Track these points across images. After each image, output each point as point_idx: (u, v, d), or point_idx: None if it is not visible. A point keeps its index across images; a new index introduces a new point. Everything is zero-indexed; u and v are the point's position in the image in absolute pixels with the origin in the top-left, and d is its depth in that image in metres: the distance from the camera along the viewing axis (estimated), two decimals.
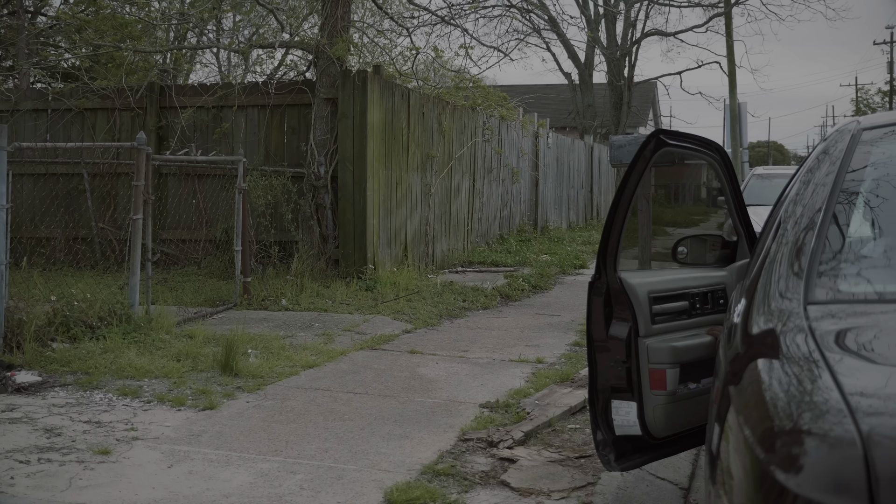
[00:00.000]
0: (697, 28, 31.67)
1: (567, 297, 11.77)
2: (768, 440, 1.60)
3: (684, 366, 4.03)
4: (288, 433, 5.39)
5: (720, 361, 2.68)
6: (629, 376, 3.97)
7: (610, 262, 3.98)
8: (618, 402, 4.03)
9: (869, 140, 2.63)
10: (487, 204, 15.71)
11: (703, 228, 23.07)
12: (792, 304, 2.08)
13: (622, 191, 3.98)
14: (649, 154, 4.05)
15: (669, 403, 3.98)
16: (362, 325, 8.86)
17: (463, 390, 6.53)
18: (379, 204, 11.29)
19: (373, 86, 10.96)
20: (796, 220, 2.51)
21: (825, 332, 1.87)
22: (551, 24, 30.59)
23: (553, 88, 36.59)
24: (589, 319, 4.09)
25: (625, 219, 3.96)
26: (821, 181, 2.57)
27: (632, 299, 3.96)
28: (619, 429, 4.03)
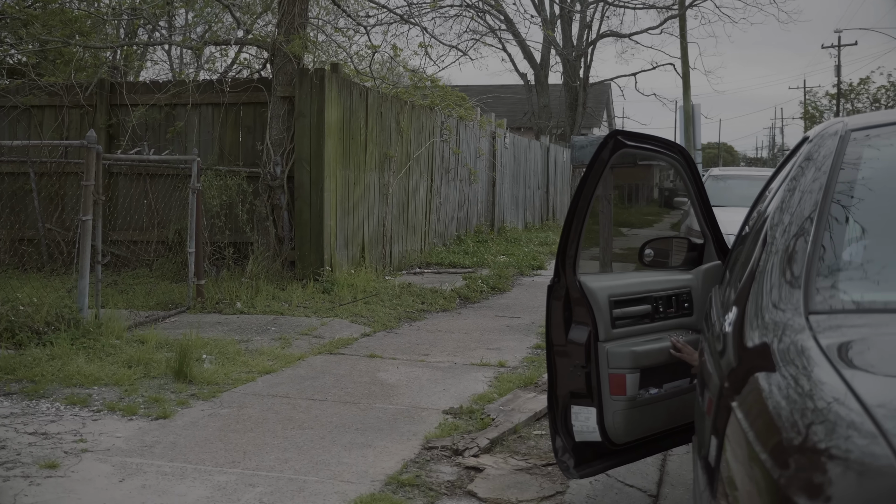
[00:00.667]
0: (652, 30, 31.84)
1: (526, 298, 11.67)
2: (786, 461, 1.48)
3: (645, 371, 3.95)
4: (246, 443, 5.19)
5: (710, 372, 2.56)
6: (589, 381, 3.88)
7: (569, 265, 3.88)
8: (577, 407, 3.94)
9: (858, 141, 2.53)
10: (445, 204, 15.58)
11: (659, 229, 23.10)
12: (793, 315, 1.96)
13: (580, 193, 3.88)
14: (607, 155, 3.95)
15: (629, 409, 3.91)
16: (320, 329, 8.67)
17: (425, 396, 6.38)
18: (336, 204, 11.09)
19: (331, 84, 10.76)
20: (786, 228, 2.40)
21: (833, 344, 1.75)
22: (507, 24, 30.55)
23: (508, 89, 36.58)
24: (548, 323, 4.00)
25: (584, 221, 3.87)
26: (809, 187, 2.46)
27: (591, 303, 3.86)
28: (579, 435, 3.94)
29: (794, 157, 3.46)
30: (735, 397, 1.94)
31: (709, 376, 2.58)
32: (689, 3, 30.25)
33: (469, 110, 15.71)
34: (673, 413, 4.15)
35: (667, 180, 35.35)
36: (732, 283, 2.94)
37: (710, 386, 2.48)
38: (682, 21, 29.58)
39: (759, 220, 2.95)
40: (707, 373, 2.66)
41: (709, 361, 2.71)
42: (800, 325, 1.90)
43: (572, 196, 3.94)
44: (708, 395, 2.49)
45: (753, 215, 3.68)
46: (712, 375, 2.51)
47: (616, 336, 3.94)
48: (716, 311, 3.13)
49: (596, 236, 8.00)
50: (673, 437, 4.33)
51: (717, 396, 2.24)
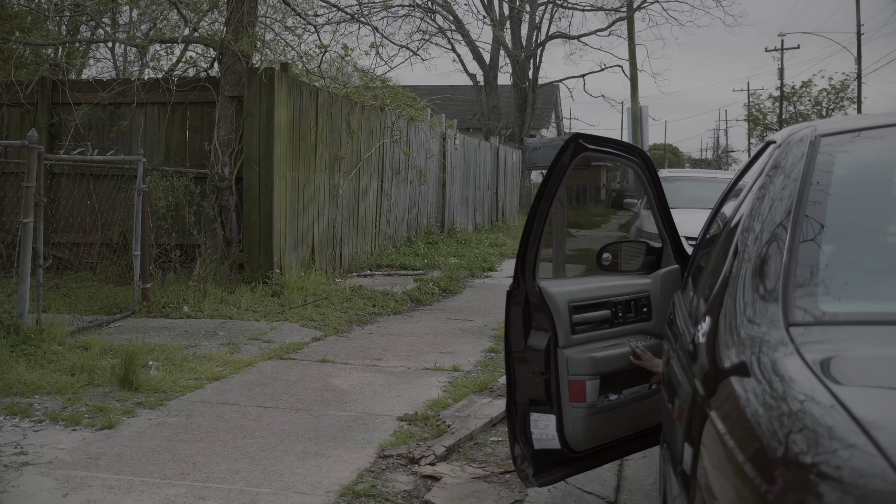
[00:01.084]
0: (601, 32, 32.02)
1: (478, 300, 11.61)
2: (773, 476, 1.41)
3: (605, 377, 3.90)
4: (195, 453, 5.04)
5: (680, 380, 2.50)
6: (548, 388, 3.82)
7: (529, 270, 3.82)
8: (536, 415, 3.89)
9: (829, 147, 2.48)
10: (395, 206, 15.46)
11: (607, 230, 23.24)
12: (772, 327, 1.90)
13: (541, 197, 3.82)
14: (568, 159, 3.89)
15: (589, 416, 3.87)
16: (270, 333, 8.51)
17: (379, 402, 6.27)
18: (286, 206, 10.92)
19: (280, 84, 10.59)
20: (758, 236, 2.34)
21: (815, 356, 1.69)
22: (457, 24, 30.51)
23: (457, 89, 36.54)
24: (507, 329, 3.93)
25: (544, 226, 3.81)
26: (780, 193, 2.40)
27: (551, 308, 3.81)
28: (538, 442, 3.89)
29: (759, 160, 3.42)
30: (713, 408, 1.88)
31: (678, 384, 2.52)
32: (637, 5, 30.50)
33: (420, 111, 15.61)
34: (632, 419, 4.12)
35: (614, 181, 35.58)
36: (700, 290, 2.88)
37: (681, 394, 2.42)
38: (630, 23, 29.82)
39: (726, 226, 2.89)
40: (676, 380, 2.60)
41: (677, 369, 2.65)
42: (780, 336, 1.84)
43: (532, 200, 3.88)
44: (679, 402, 2.43)
45: (717, 220, 3.64)
46: (682, 384, 2.45)
47: (576, 342, 3.89)
48: (682, 317, 3.07)
49: (550, 239, 7.98)
50: (632, 443, 4.30)
51: (690, 405, 2.19)
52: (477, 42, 32.32)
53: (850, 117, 2.89)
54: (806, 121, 53.49)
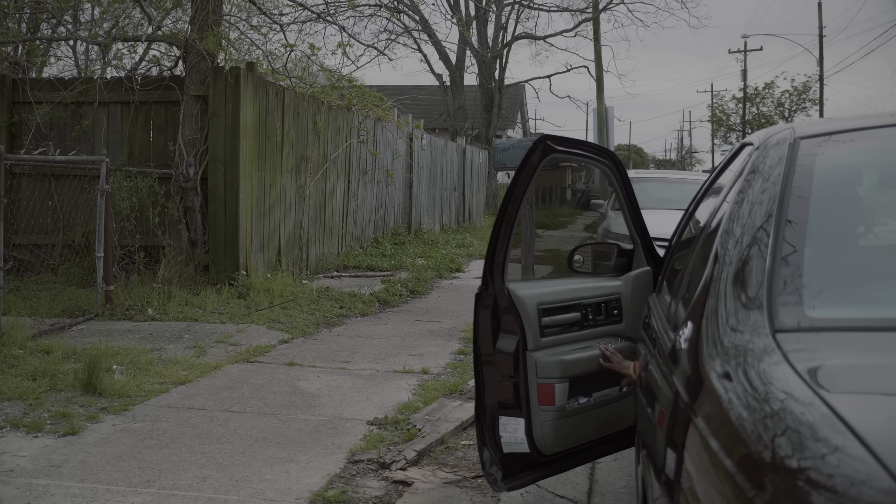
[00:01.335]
0: (566, 32, 32.11)
1: (446, 302, 11.56)
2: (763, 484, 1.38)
3: (575, 380, 3.87)
4: (161, 460, 4.94)
5: (660, 385, 2.46)
6: (517, 391, 3.78)
7: (497, 273, 3.78)
8: (505, 418, 3.86)
9: (809, 149, 2.45)
10: (363, 206, 15.36)
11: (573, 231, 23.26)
12: (757, 333, 1.86)
13: (509, 199, 3.78)
14: (537, 160, 3.86)
15: (559, 419, 3.84)
16: (236, 336, 8.40)
17: (348, 406, 6.19)
18: (252, 207, 10.80)
19: (246, 83, 10.47)
20: (739, 240, 2.30)
21: (807, 367, 1.65)
22: (423, 25, 30.44)
23: (423, 89, 36.44)
24: (476, 332, 3.89)
25: (512, 227, 3.78)
26: (760, 197, 2.37)
27: (520, 311, 3.78)
28: (507, 446, 3.85)
29: (735, 162, 3.39)
30: (699, 415, 1.85)
31: (658, 389, 2.49)
32: (603, 6, 30.62)
33: (387, 111, 15.53)
34: (603, 422, 4.09)
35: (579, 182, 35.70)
36: (677, 293, 2.85)
37: (662, 399, 2.39)
38: (596, 24, 29.93)
39: (704, 230, 2.85)
40: (656, 385, 2.56)
41: (657, 373, 2.61)
42: (767, 343, 1.80)
43: (500, 202, 3.84)
44: (660, 407, 2.40)
45: (692, 223, 3.61)
46: (663, 389, 2.41)
47: (545, 345, 3.87)
48: (658, 321, 3.04)
49: (520, 241, 7.94)
50: (603, 447, 4.27)
51: (673, 410, 2.16)
52: (443, 42, 32.35)
53: (827, 119, 2.86)
54: (769, 122, 54.00)
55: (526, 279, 5.86)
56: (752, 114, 60.85)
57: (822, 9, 47.01)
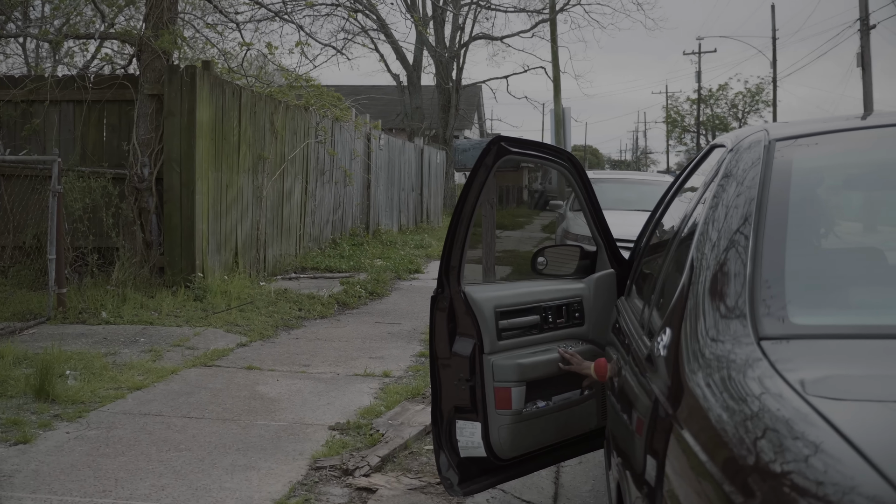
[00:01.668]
0: (524, 33, 32.16)
1: (405, 303, 11.48)
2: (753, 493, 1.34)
3: (533, 383, 3.83)
4: (117, 468, 4.80)
5: (636, 392, 2.42)
6: (473, 395, 3.74)
7: (453, 276, 3.73)
8: (462, 422, 3.81)
9: (784, 152, 2.41)
10: (320, 207, 15.22)
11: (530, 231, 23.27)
12: (740, 340, 1.81)
13: (464, 201, 3.73)
14: (491, 162, 3.80)
15: (516, 423, 3.79)
16: (193, 339, 8.24)
17: (309, 410, 6.09)
18: (208, 208, 10.63)
19: (202, 82, 10.30)
20: (715, 244, 2.26)
21: (797, 376, 1.60)
22: (380, 24, 30.30)
23: (380, 89, 36.30)
24: (432, 335, 3.84)
25: (468, 230, 3.72)
26: (736, 201, 2.32)
27: (476, 314, 3.73)
28: (464, 450, 3.81)
29: (705, 164, 3.36)
30: (683, 425, 1.80)
31: (635, 396, 2.44)
32: (560, 7, 30.72)
33: (345, 111, 15.41)
34: (563, 426, 4.05)
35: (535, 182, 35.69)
36: (650, 299, 2.80)
37: (639, 406, 2.34)
38: (553, 25, 30.03)
39: (677, 234, 2.80)
40: (632, 391, 2.52)
41: (632, 380, 2.57)
42: (752, 351, 1.75)
43: (455, 204, 3.78)
44: (637, 415, 2.36)
45: (661, 226, 3.57)
46: (640, 396, 2.36)
47: (502, 348, 3.82)
48: (630, 325, 2.99)
49: (480, 243, 7.89)
50: (564, 451, 4.23)
51: (652, 418, 2.12)
52: (401, 42, 32.15)
53: (799, 122, 2.84)
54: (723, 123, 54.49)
55: (485, 281, 5.82)
56: (706, 115, 61.56)
57: (776, 11, 47.62)
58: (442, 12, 31.16)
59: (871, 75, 26.55)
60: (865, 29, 26.91)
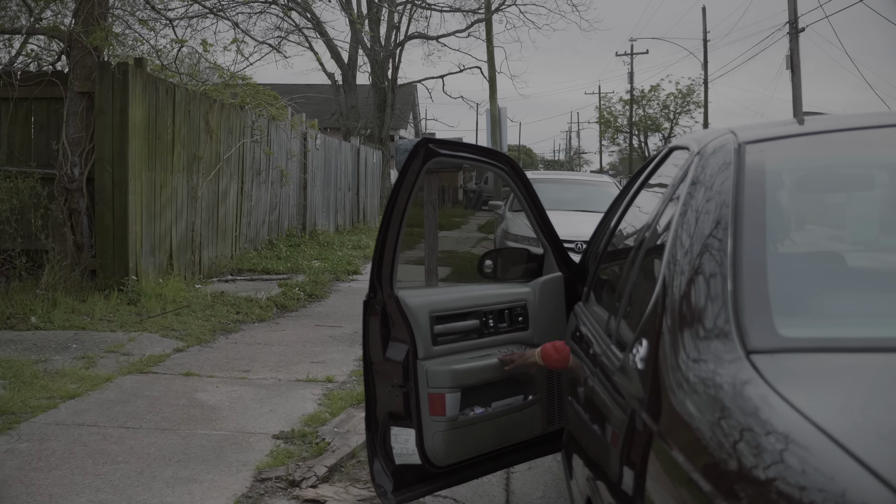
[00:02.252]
0: (459, 33, 32.10)
1: (345, 306, 11.32)
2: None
3: (469, 389, 3.74)
4: (51, 483, 4.59)
5: (608, 404, 2.34)
6: (407, 402, 3.63)
7: (385, 280, 3.62)
8: (396, 429, 3.71)
9: (756, 155, 2.34)
10: (256, 208, 14.97)
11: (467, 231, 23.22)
12: (726, 354, 1.74)
13: (393, 204, 3.62)
14: (418, 165, 3.69)
15: (451, 430, 3.70)
16: (128, 345, 7.99)
17: (251, 418, 5.92)
18: (142, 209, 10.34)
19: (135, 80, 10.01)
20: (688, 251, 2.18)
21: (797, 396, 1.53)
22: (314, 23, 29.97)
23: (315, 88, 35.91)
24: (365, 340, 3.74)
25: (399, 233, 3.61)
26: (707, 206, 2.25)
27: (409, 319, 3.62)
28: (399, 457, 3.71)
29: (663, 167, 3.30)
30: (667, 440, 1.73)
31: (607, 409, 2.36)
32: (495, 7, 30.74)
33: (281, 110, 15.16)
34: (503, 432, 3.97)
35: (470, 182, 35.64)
36: (617, 308, 2.72)
37: (613, 419, 2.26)
38: (489, 25, 30.01)
39: (644, 241, 2.72)
40: (603, 404, 2.43)
41: (602, 392, 2.49)
42: (741, 366, 1.68)
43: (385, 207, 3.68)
44: (611, 428, 2.29)
45: (622, 232, 3.50)
46: (613, 410, 2.28)
47: (437, 353, 3.73)
48: (594, 334, 2.91)
49: (419, 245, 7.78)
50: (505, 458, 4.14)
51: (628, 431, 2.05)
52: (335, 41, 31.86)
53: (768, 124, 2.79)
54: (655, 123, 55.05)
55: (422, 285, 5.69)
56: (638, 115, 62.32)
57: (707, 14, 48.40)
58: (377, 11, 30.96)
59: (800, 77, 27.08)
60: (794, 32, 27.44)
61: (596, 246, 4.03)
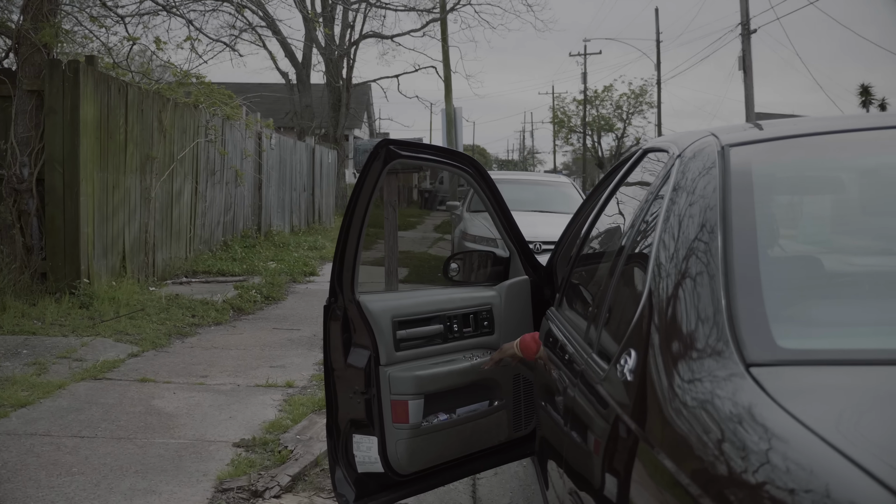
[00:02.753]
0: (414, 32, 32.01)
1: (303, 308, 11.17)
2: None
3: (433, 396, 3.65)
4: (2, 497, 4.42)
5: (589, 413, 2.27)
6: (369, 409, 3.54)
7: (347, 284, 3.51)
8: (359, 436, 3.61)
9: (741, 158, 2.27)
10: (211, 208, 14.73)
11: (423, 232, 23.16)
12: (725, 366, 1.66)
13: (353, 207, 3.51)
14: (379, 167, 3.59)
15: (414, 437, 3.61)
16: (81, 350, 7.78)
17: (210, 426, 5.78)
18: (94, 210, 10.11)
19: (86, 78, 9.78)
20: (673, 255, 2.11)
21: (807, 414, 1.45)
22: (268, 21, 29.68)
23: (268, 87, 35.61)
24: (326, 346, 3.62)
25: (359, 236, 3.49)
26: (691, 210, 2.18)
27: (371, 324, 3.53)
28: (361, 465, 3.61)
29: (637, 170, 3.24)
30: (656, 449, 1.67)
31: (590, 420, 2.28)
32: (450, 7, 30.70)
33: (235, 109, 14.94)
34: (468, 439, 3.89)
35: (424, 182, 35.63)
36: (595, 316, 2.64)
37: (596, 429, 2.19)
38: (444, 25, 29.96)
39: (623, 247, 2.65)
40: (586, 415, 2.36)
41: (585, 403, 2.41)
42: (742, 381, 1.61)
43: (345, 210, 3.57)
44: (594, 437, 2.22)
45: (596, 236, 3.42)
46: (596, 421, 2.21)
47: (400, 359, 3.63)
48: (574, 342, 2.83)
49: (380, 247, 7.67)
50: (470, 465, 4.06)
51: (612, 440, 1.99)
52: (290, 39, 31.58)
53: (749, 126, 2.73)
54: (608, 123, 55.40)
55: (384, 289, 5.62)
56: (591, 115, 62.67)
57: (660, 15, 48.86)
58: (332, 9, 30.74)
59: (752, 78, 27.39)
60: (746, 33, 27.75)
61: (567, 250, 3.96)
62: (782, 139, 2.50)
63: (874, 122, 2.59)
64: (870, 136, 2.47)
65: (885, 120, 2.65)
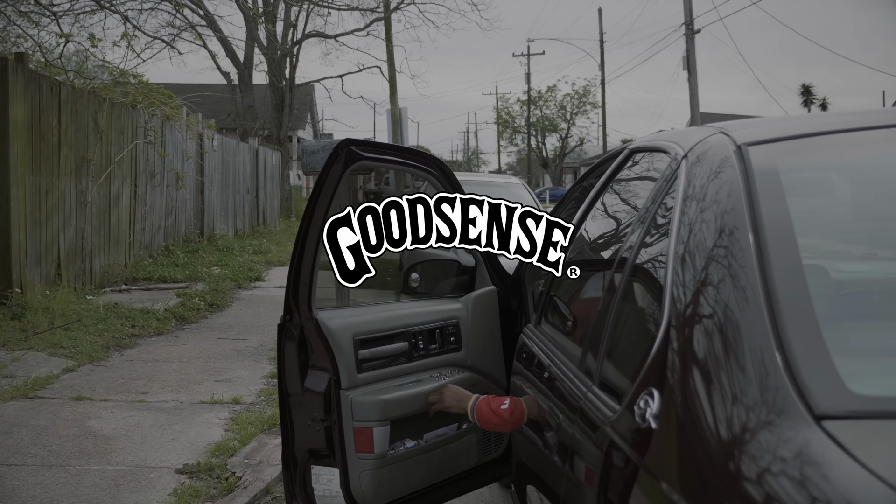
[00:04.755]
0: (358, 32, 31.54)
1: (248, 315, 10.74)
2: None
3: (399, 421, 3.32)
4: None
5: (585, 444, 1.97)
6: (330, 437, 3.19)
7: (303, 300, 3.14)
8: (318, 467, 3.24)
9: (762, 159, 1.96)
10: (151, 212, 14.20)
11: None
12: (789, 417, 1.36)
13: (311, 214, 3.12)
14: (340, 169, 3.22)
15: (380, 468, 3.26)
16: (11, 366, 7.29)
17: (151, 449, 5.36)
18: (26, 215, 9.58)
19: (16, 77, 9.25)
20: (697, 277, 1.79)
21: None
22: (208, 20, 29.01)
23: (209, 87, 34.91)
24: (281, 368, 3.23)
25: (317, 247, 3.10)
26: (715, 224, 1.85)
27: (331, 344, 3.17)
28: (321, 500, 3.25)
29: (624, 171, 2.94)
30: None
31: (596, 461, 1.96)
32: (394, 6, 30.34)
33: (175, 109, 14.43)
34: (436, 466, 3.55)
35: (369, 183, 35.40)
36: (593, 342, 2.32)
37: (608, 475, 1.88)
38: (388, 24, 29.60)
39: (624, 264, 2.31)
40: (588, 453, 2.05)
41: (582, 438, 2.10)
42: (816, 437, 1.30)
43: (301, 218, 3.18)
44: (584, 464, 1.99)
45: (585, 248, 3.10)
46: (605, 463, 1.90)
47: (362, 382, 3.28)
48: (566, 370, 2.51)
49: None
50: (437, 493, 3.72)
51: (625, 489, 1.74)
52: (231, 38, 30.93)
53: (765, 122, 2.43)
54: (552, 123, 55.53)
55: (342, 305, 5.27)
56: (536, 116, 62.76)
57: (603, 15, 49.00)
58: (274, 7, 30.18)
59: (696, 78, 27.46)
60: (690, 33, 27.82)
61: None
62: (805, 137, 2.20)
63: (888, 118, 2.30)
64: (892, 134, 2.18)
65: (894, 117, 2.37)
